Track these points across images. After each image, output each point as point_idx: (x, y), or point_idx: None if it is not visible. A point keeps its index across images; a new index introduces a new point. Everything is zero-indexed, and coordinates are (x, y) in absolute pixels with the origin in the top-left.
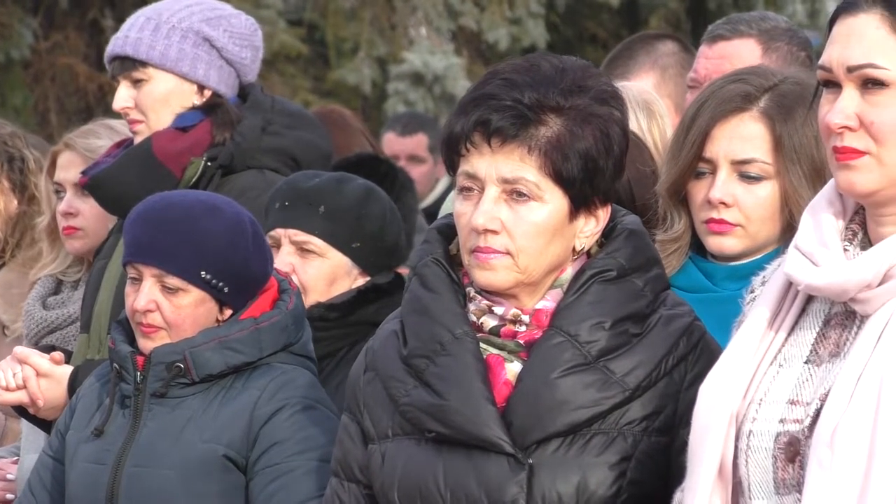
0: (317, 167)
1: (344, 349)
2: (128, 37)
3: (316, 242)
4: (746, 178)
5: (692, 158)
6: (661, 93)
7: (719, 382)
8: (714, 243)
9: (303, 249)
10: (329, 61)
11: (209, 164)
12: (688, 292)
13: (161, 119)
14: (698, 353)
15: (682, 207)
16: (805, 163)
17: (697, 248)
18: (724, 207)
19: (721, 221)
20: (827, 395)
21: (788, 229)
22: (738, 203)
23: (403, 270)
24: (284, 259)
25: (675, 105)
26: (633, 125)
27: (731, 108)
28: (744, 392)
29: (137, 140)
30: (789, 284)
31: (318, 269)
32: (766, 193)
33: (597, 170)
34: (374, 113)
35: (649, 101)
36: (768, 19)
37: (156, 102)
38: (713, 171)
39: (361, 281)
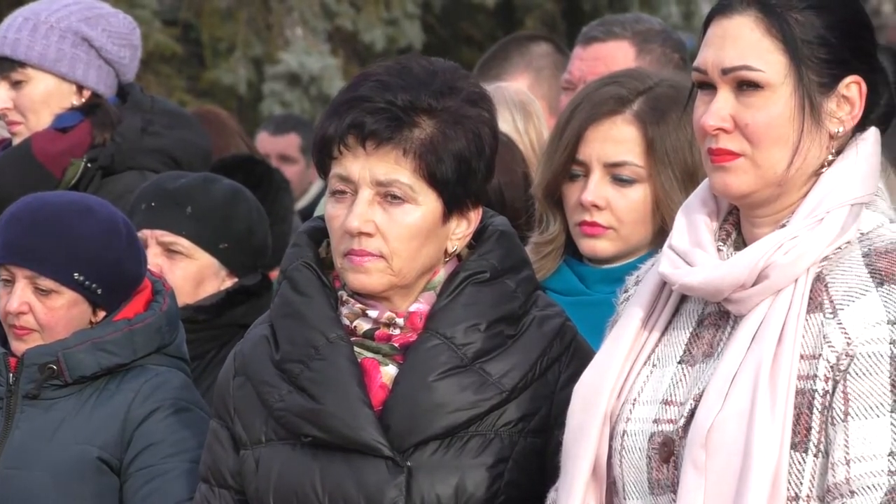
0: (197, 167)
1: (213, 351)
2: (6, 37)
3: (183, 243)
4: (619, 180)
5: (565, 160)
6: (536, 94)
7: (593, 382)
8: (587, 246)
9: (170, 250)
10: (204, 61)
11: (89, 165)
12: (562, 295)
13: (41, 120)
14: (571, 354)
15: (557, 210)
16: (677, 166)
17: (573, 250)
18: (596, 210)
19: (594, 224)
20: (701, 396)
21: (660, 233)
22: (610, 206)
23: (275, 273)
24: (151, 260)
25: (549, 107)
26: (509, 126)
27: (604, 111)
28: (618, 392)
29: (16, 141)
30: (663, 284)
31: (185, 271)
32: (638, 196)
33: (469, 171)
34: (249, 114)
35: (525, 101)
36: (642, 21)
37: (35, 103)
38: (586, 174)
39: (229, 282)
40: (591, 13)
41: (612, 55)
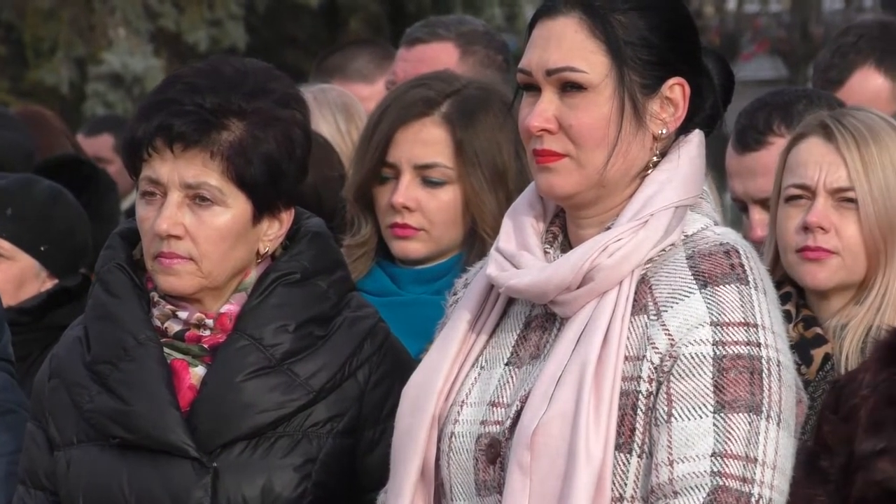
0: (18, 168)
1: (35, 353)
2: None
3: (3, 245)
4: (429, 182)
5: (375, 163)
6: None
7: (422, 384)
8: (398, 248)
9: None
10: (27, 61)
11: None
12: (375, 296)
13: None
14: (383, 354)
15: (369, 212)
16: (487, 168)
17: (385, 252)
18: (407, 212)
19: (405, 226)
20: (527, 397)
21: (471, 234)
22: (420, 207)
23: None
24: None
25: None
26: (332, 128)
27: (413, 113)
28: (446, 394)
29: None
30: (491, 287)
31: (5, 273)
32: (448, 198)
33: (280, 173)
34: (72, 114)
35: (348, 103)
36: (466, 23)
37: None
38: (396, 176)
39: (49, 284)
40: (415, 14)
41: (435, 56)
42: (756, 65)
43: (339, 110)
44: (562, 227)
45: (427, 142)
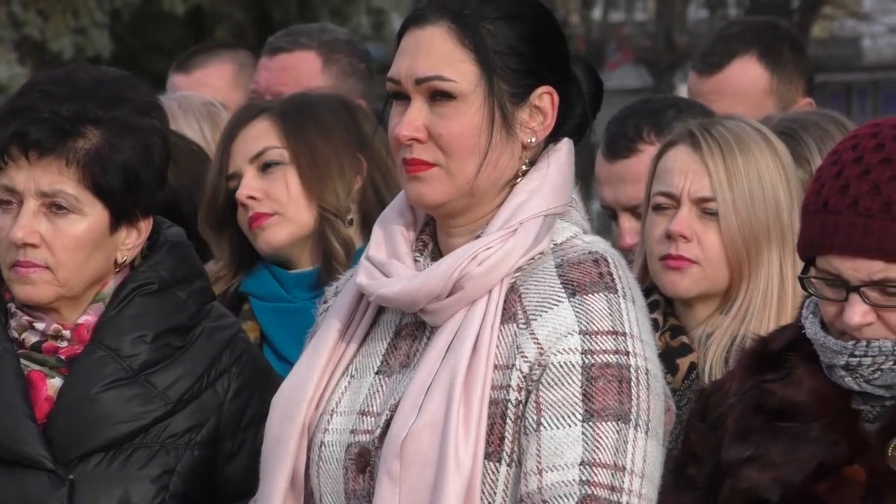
0: None
1: None
2: None
3: None
4: (266, 167)
5: (218, 179)
6: (238, 83)
7: (291, 394)
8: (261, 241)
9: None
10: None
11: None
12: (263, 301)
13: None
14: (242, 364)
15: (227, 231)
16: (321, 148)
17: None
18: (256, 202)
19: (258, 216)
20: (397, 406)
21: (322, 219)
22: (266, 194)
23: None
24: None
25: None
26: (196, 135)
27: (242, 120)
28: (316, 403)
29: None
30: (361, 295)
31: None
32: (285, 176)
33: (138, 182)
34: None
35: (213, 112)
36: (328, 32)
37: None
38: (241, 175)
39: None
40: (281, 22)
41: (297, 65)
42: (621, 73)
43: (203, 117)
44: (432, 236)
45: (255, 135)
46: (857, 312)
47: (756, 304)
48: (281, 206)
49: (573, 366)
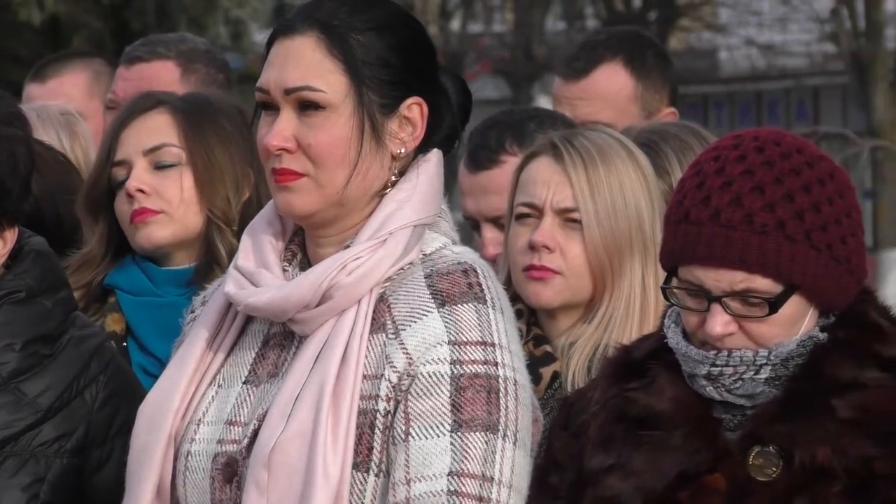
0: None
1: None
2: None
3: None
4: (161, 166)
5: (104, 164)
6: (94, 92)
7: (158, 403)
8: (141, 237)
9: None
10: None
11: None
12: (131, 294)
13: None
14: (110, 373)
15: (102, 217)
16: (217, 153)
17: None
18: (143, 196)
19: (142, 211)
20: (265, 416)
21: (209, 223)
22: (156, 191)
23: None
24: None
25: (103, 106)
26: (55, 145)
27: (137, 109)
28: (183, 412)
29: None
30: (229, 305)
31: None
32: (180, 178)
33: (4, 191)
34: None
35: (72, 121)
36: (187, 41)
37: None
38: (129, 170)
39: None
40: (139, 32)
41: (155, 75)
42: (480, 84)
43: (62, 127)
44: (301, 246)
45: (153, 128)
46: (719, 322)
47: (618, 313)
48: (170, 206)
49: (442, 376)
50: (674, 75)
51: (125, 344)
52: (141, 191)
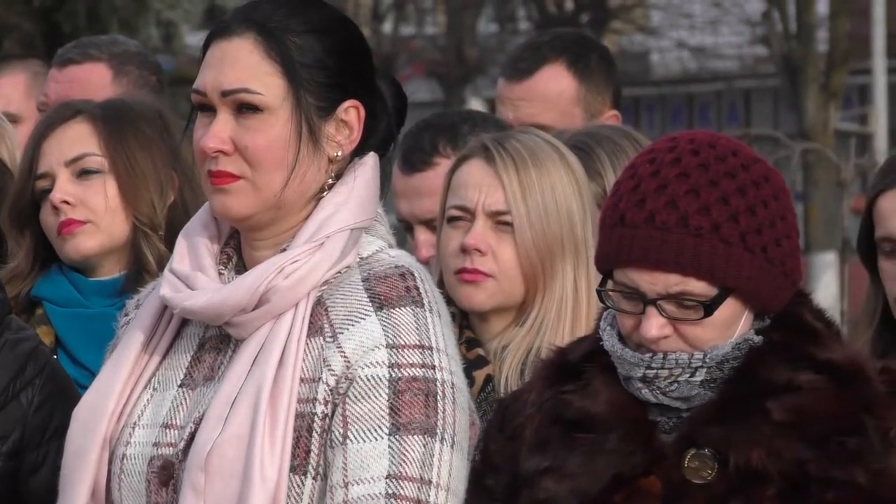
0: None
1: None
2: None
3: None
4: (83, 174)
5: (27, 177)
6: (32, 94)
7: (93, 406)
8: (70, 248)
9: None
10: None
11: None
12: (58, 306)
13: None
14: (45, 376)
15: (28, 230)
16: (140, 159)
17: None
18: (69, 207)
19: (69, 222)
20: (201, 419)
21: (135, 229)
22: (80, 200)
23: None
24: None
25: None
26: None
27: (55, 120)
28: (118, 416)
29: None
30: (164, 308)
31: None
32: (103, 187)
33: None
34: None
35: (0, 125)
36: (119, 44)
37: None
38: (52, 181)
39: None
40: (70, 34)
41: (87, 78)
42: (412, 87)
43: None
44: (236, 249)
45: (73, 138)
46: (654, 325)
47: (550, 316)
48: (96, 216)
49: (380, 379)
50: (617, 78)
51: (55, 357)
52: (66, 202)
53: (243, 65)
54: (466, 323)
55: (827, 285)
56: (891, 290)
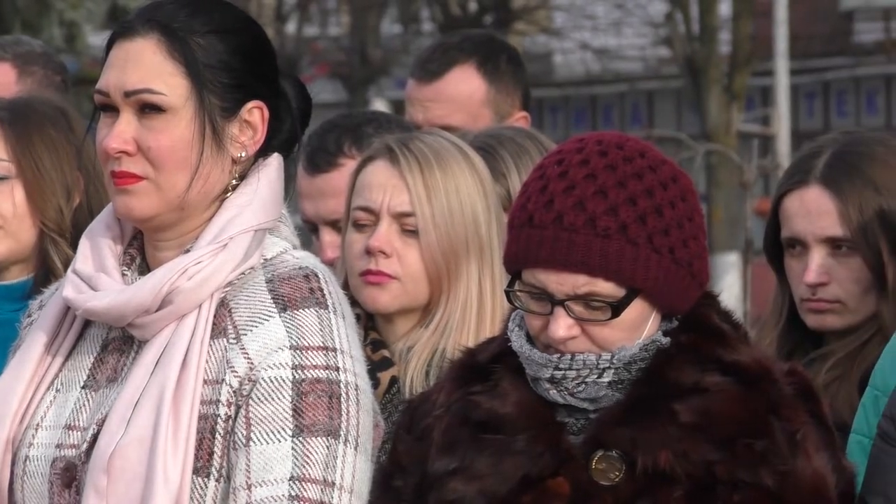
0: None
1: None
2: None
3: None
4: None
5: None
6: None
7: None
8: None
9: None
10: None
11: None
12: None
13: None
14: None
15: None
16: (47, 163)
17: None
18: None
19: None
20: (104, 421)
21: (42, 235)
22: None
23: None
24: None
25: None
26: None
27: None
28: (20, 417)
29: None
30: (67, 309)
31: None
32: (11, 191)
33: None
34: None
35: None
36: (23, 43)
37: None
38: None
39: None
40: None
41: None
42: (316, 88)
43: None
44: (140, 250)
45: None
46: (562, 326)
47: (455, 318)
48: (4, 222)
49: (283, 381)
50: (526, 79)
51: None
52: None
53: (146, 65)
54: (372, 324)
55: (730, 286)
56: (797, 290)
